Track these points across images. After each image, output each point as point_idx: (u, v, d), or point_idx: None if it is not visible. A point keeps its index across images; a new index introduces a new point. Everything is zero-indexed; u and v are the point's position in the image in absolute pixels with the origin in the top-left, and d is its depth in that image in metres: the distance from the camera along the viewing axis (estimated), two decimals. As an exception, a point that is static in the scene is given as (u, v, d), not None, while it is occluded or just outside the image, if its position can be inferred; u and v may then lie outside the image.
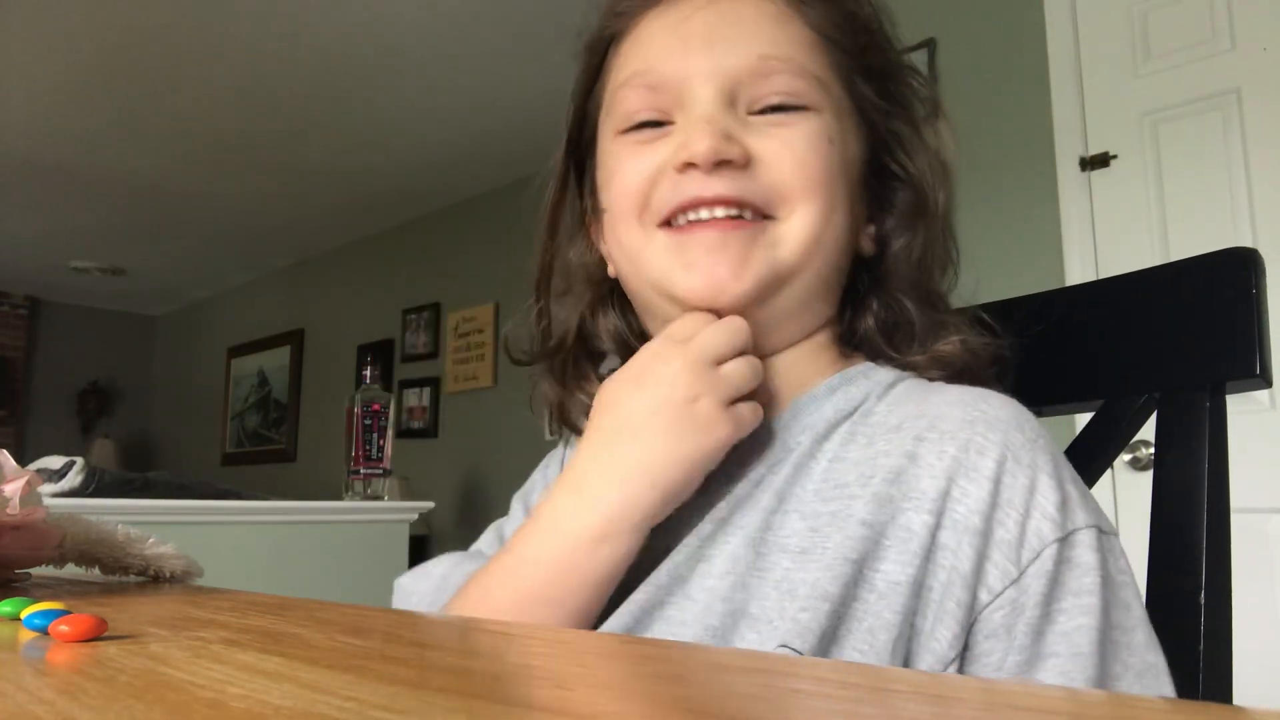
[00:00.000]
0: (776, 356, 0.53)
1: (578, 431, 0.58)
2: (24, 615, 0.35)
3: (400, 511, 2.12)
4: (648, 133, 0.52)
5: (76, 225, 4.59)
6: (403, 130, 3.43)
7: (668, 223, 0.51)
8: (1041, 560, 0.42)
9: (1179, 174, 1.85)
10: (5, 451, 0.56)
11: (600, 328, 0.59)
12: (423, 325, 4.30)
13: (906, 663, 0.42)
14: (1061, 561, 0.42)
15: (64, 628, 0.32)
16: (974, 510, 0.43)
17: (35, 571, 0.60)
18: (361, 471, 2.14)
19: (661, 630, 0.46)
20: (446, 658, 0.31)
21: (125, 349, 6.26)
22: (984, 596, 0.42)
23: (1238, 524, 0.53)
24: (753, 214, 0.49)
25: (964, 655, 0.42)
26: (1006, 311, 0.60)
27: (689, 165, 0.49)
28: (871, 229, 0.55)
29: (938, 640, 0.42)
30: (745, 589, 0.45)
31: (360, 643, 0.32)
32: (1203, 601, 0.47)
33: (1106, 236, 1.92)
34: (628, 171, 0.52)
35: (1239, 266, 0.51)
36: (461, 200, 4.21)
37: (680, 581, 0.47)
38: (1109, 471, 1.93)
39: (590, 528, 0.47)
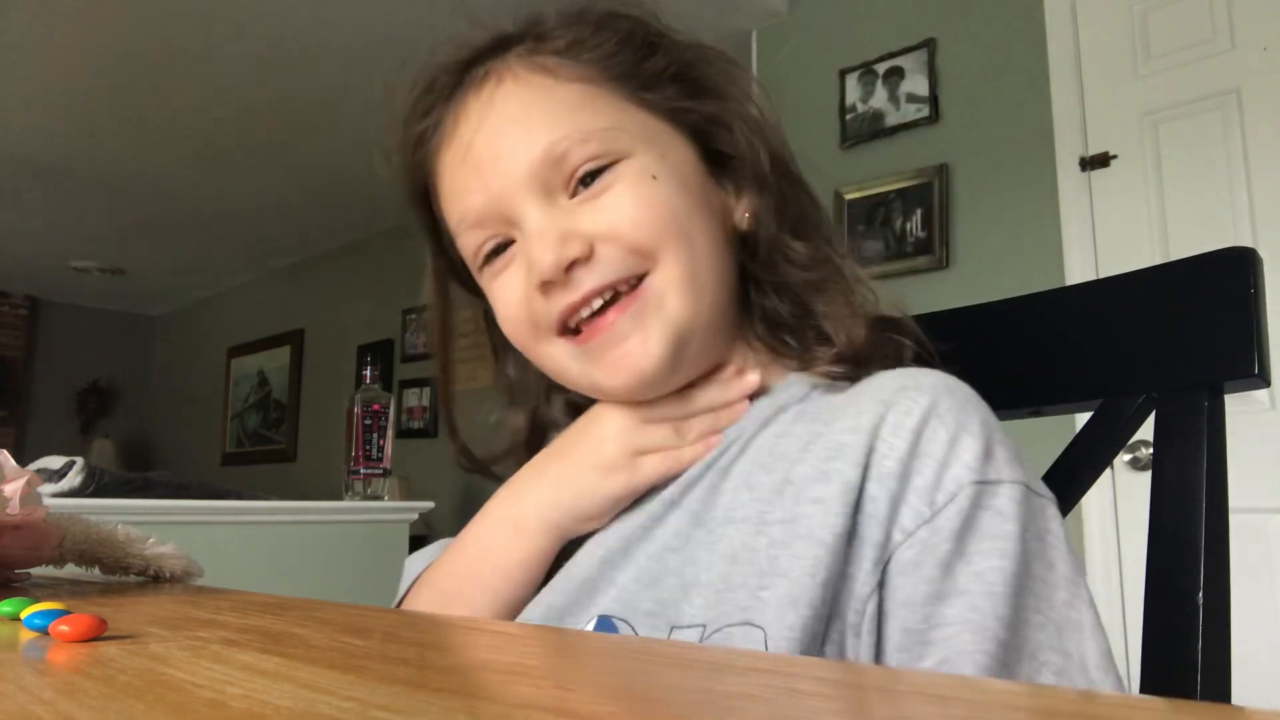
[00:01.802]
0: (704, 390, 0.55)
1: None
2: (24, 615, 0.35)
3: (400, 511, 2.12)
4: (500, 260, 0.54)
5: (76, 225, 4.59)
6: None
7: (564, 329, 0.52)
8: (956, 501, 0.43)
9: (1179, 174, 1.85)
10: (5, 451, 0.57)
11: (554, 408, 0.63)
12: (423, 325, 4.30)
13: (834, 603, 0.43)
14: (979, 506, 0.43)
15: (64, 628, 0.32)
16: (895, 459, 0.44)
17: (35, 571, 0.60)
18: (361, 471, 2.14)
19: (607, 598, 0.50)
20: (446, 658, 0.31)
21: (125, 349, 6.26)
22: (897, 536, 0.43)
23: (1237, 524, 0.53)
24: (627, 286, 0.50)
25: (880, 593, 0.43)
26: (1005, 312, 0.60)
27: (546, 283, 0.50)
28: (743, 204, 0.55)
29: (858, 581, 0.44)
30: (694, 562, 0.48)
31: (360, 643, 0.32)
32: (1201, 601, 0.47)
33: (1106, 236, 1.92)
34: (502, 304, 0.54)
35: (1238, 266, 0.51)
36: (461, 200, 4.21)
37: (626, 555, 0.51)
38: (1109, 471, 1.93)
39: (508, 518, 0.55)
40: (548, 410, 0.63)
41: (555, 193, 0.51)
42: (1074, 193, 1.96)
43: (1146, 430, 0.55)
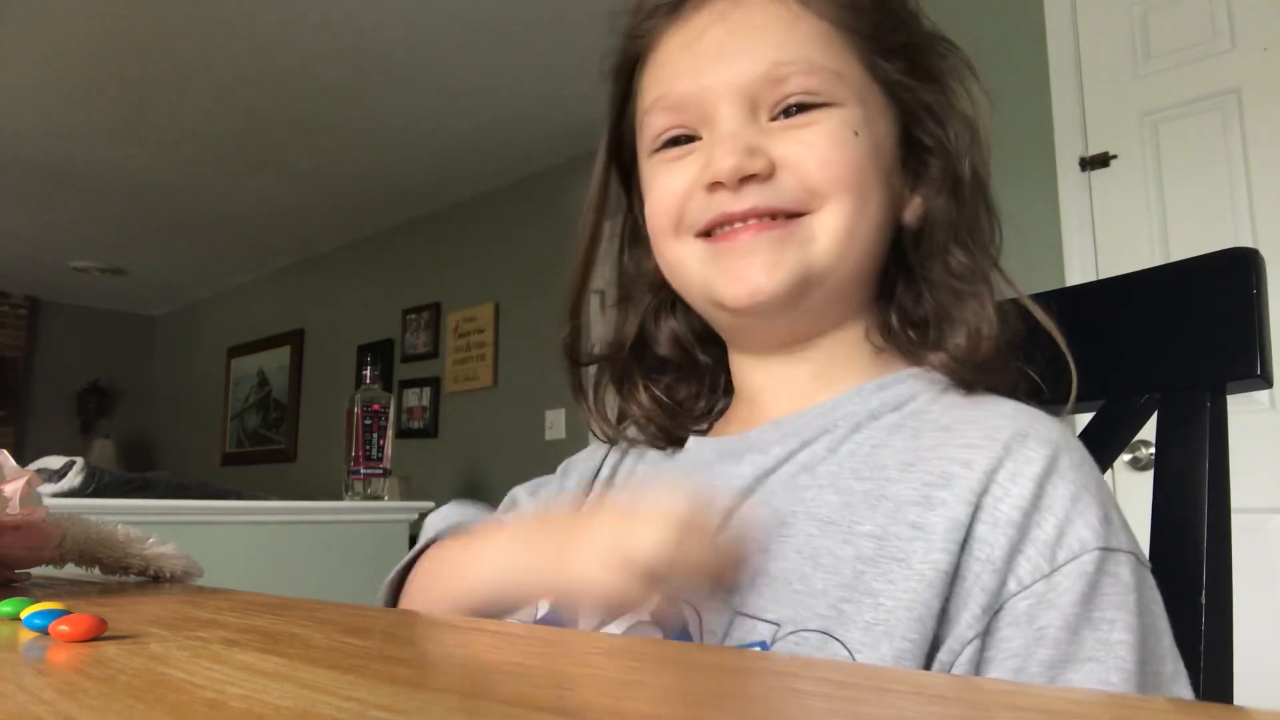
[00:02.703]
0: (810, 348, 0.55)
1: (612, 441, 0.64)
2: (24, 615, 0.35)
3: (400, 511, 2.12)
4: (677, 150, 0.54)
5: (76, 225, 4.59)
6: (403, 130, 3.43)
7: (705, 234, 0.53)
8: (1080, 562, 0.42)
9: (1179, 174, 1.85)
10: (5, 451, 0.56)
11: (660, 332, 0.62)
12: (423, 325, 4.31)
13: (934, 643, 0.42)
14: (1103, 572, 0.42)
15: (64, 628, 0.32)
16: (1014, 507, 0.43)
17: (35, 571, 0.60)
18: (361, 471, 2.14)
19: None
20: (446, 658, 0.31)
21: (125, 349, 6.26)
22: (1012, 585, 0.42)
23: (1238, 524, 0.53)
24: (785, 216, 0.51)
25: (985, 640, 0.42)
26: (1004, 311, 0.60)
27: (716, 184, 0.51)
28: (917, 201, 0.55)
29: (960, 623, 0.42)
30: (766, 552, 0.46)
31: (360, 643, 0.32)
32: (1203, 601, 0.47)
33: (1106, 236, 1.92)
34: (660, 190, 0.55)
35: (1239, 267, 0.51)
36: (461, 200, 4.21)
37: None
38: (1109, 472, 1.93)
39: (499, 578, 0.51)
40: (654, 330, 0.62)
41: (759, 109, 0.52)
42: (1074, 193, 1.96)
43: (1148, 430, 0.55)
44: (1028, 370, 0.52)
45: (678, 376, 0.63)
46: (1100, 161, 1.94)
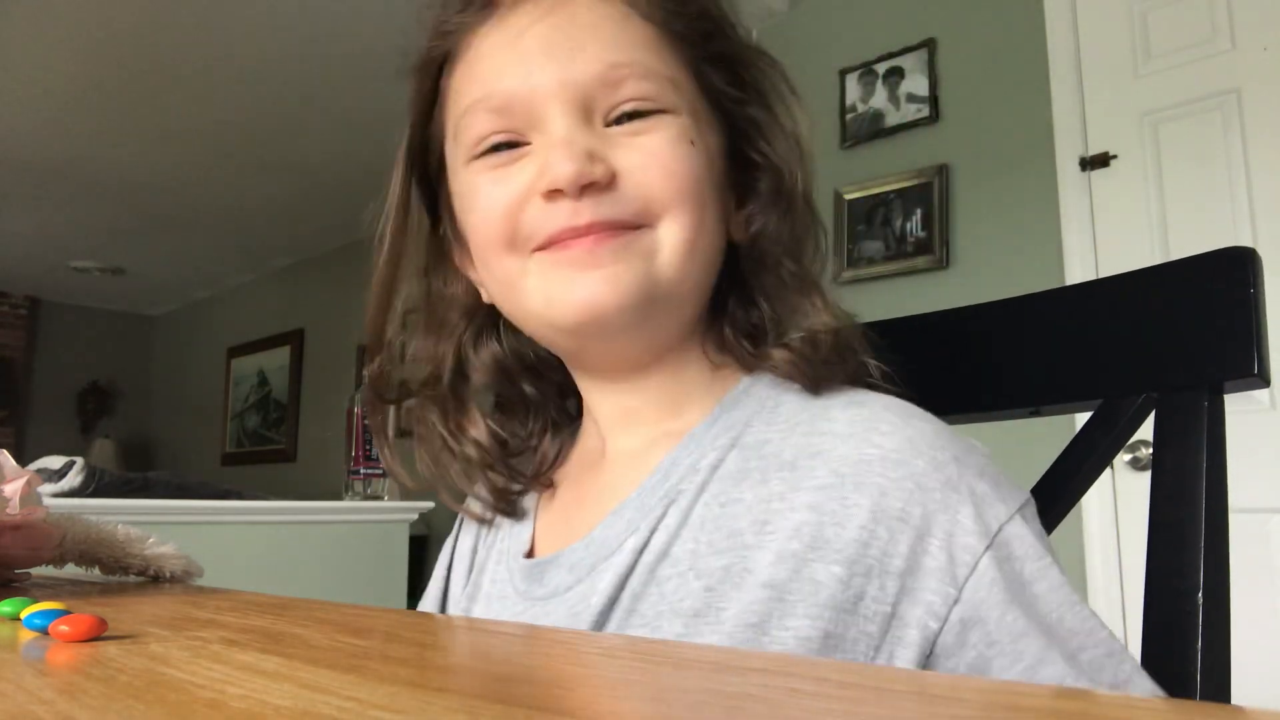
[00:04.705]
0: (654, 372, 0.52)
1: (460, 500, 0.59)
2: (24, 615, 0.35)
3: (400, 511, 2.12)
4: (503, 155, 0.49)
5: (76, 225, 4.59)
6: (403, 130, 3.42)
7: (541, 248, 0.49)
8: (980, 571, 0.41)
9: (1179, 174, 1.85)
10: (5, 451, 0.57)
11: (478, 359, 0.57)
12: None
13: None
14: (1007, 558, 0.42)
15: (64, 628, 0.32)
16: (892, 553, 0.42)
17: (35, 571, 0.60)
18: (361, 471, 2.14)
19: None
20: (447, 658, 0.31)
21: (125, 349, 6.26)
22: (933, 624, 0.41)
23: (1237, 524, 0.53)
24: (625, 228, 0.48)
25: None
26: (1004, 312, 0.60)
27: (555, 192, 0.47)
28: (742, 215, 0.53)
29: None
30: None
31: (360, 643, 0.32)
32: (1201, 602, 0.47)
33: (1106, 236, 1.92)
34: (488, 201, 0.50)
35: (1237, 266, 0.51)
36: (461, 200, 4.21)
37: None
38: (1109, 471, 1.93)
39: None
40: (474, 355, 0.57)
41: (592, 114, 0.48)
42: (1074, 193, 1.96)
43: (1146, 430, 0.55)
44: (872, 361, 0.51)
45: (505, 414, 0.58)
46: (1100, 161, 1.94)
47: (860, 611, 0.42)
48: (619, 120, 0.48)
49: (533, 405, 0.59)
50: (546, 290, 0.48)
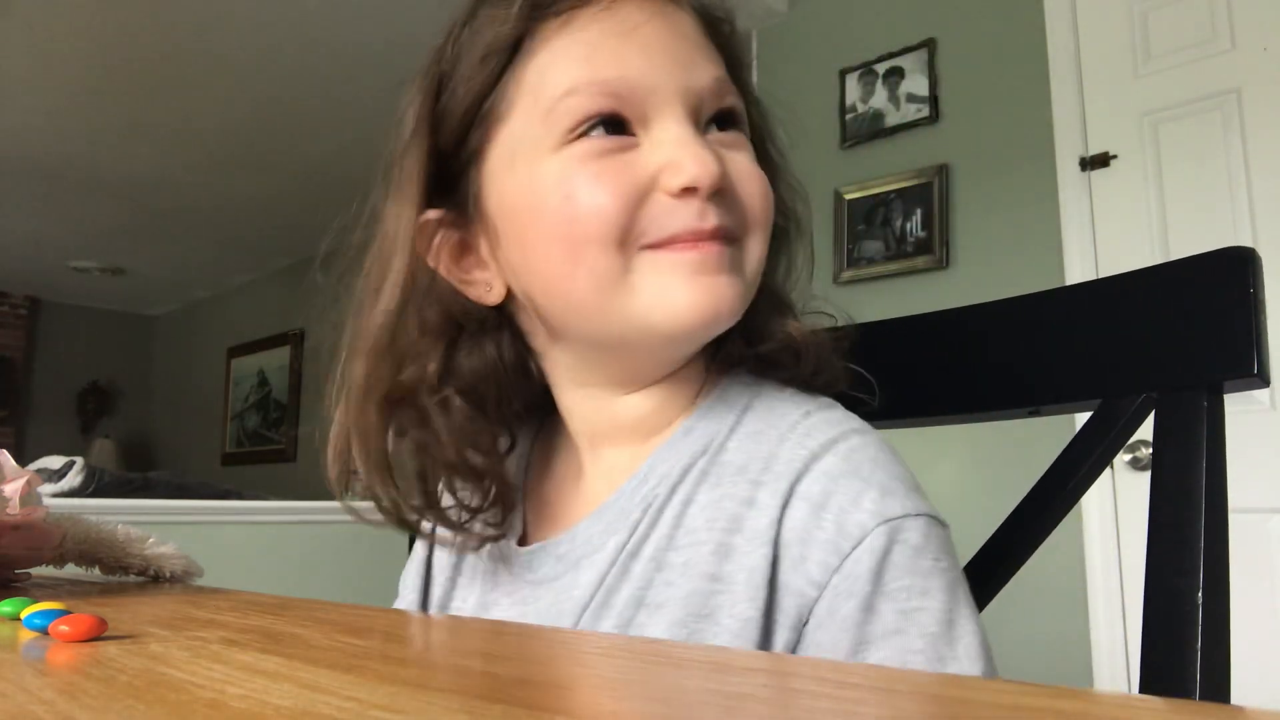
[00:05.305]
0: (662, 383, 0.52)
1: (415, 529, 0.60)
2: (24, 615, 0.35)
3: (400, 511, 2.12)
4: (610, 141, 0.46)
5: (76, 225, 4.59)
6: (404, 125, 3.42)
7: (652, 246, 0.47)
8: (866, 545, 0.42)
9: (1179, 174, 1.85)
10: (5, 451, 0.57)
11: (465, 366, 0.53)
12: (423, 325, 4.30)
13: None
14: (893, 541, 0.43)
15: (64, 628, 0.32)
16: (795, 531, 0.44)
17: (35, 571, 0.60)
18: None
19: None
20: (447, 658, 0.31)
21: (125, 349, 6.26)
22: (810, 591, 0.43)
23: (1237, 524, 0.53)
24: (734, 238, 0.49)
25: (797, 650, 0.43)
26: (1004, 311, 0.60)
27: (688, 191, 0.45)
28: None
29: (779, 648, 0.43)
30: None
31: (360, 643, 0.32)
32: (1201, 601, 0.47)
33: (1106, 236, 1.92)
34: (599, 189, 0.46)
35: (1237, 266, 0.51)
36: (461, 200, 4.21)
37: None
38: (1109, 471, 1.93)
39: None
40: (462, 361, 0.53)
41: (698, 122, 0.48)
42: (1074, 193, 1.96)
43: (1146, 430, 0.55)
44: (852, 367, 0.52)
45: (478, 428, 0.54)
46: (1100, 161, 1.94)
47: (786, 589, 0.44)
48: (710, 125, 0.49)
49: (498, 417, 0.55)
50: (661, 289, 0.46)
